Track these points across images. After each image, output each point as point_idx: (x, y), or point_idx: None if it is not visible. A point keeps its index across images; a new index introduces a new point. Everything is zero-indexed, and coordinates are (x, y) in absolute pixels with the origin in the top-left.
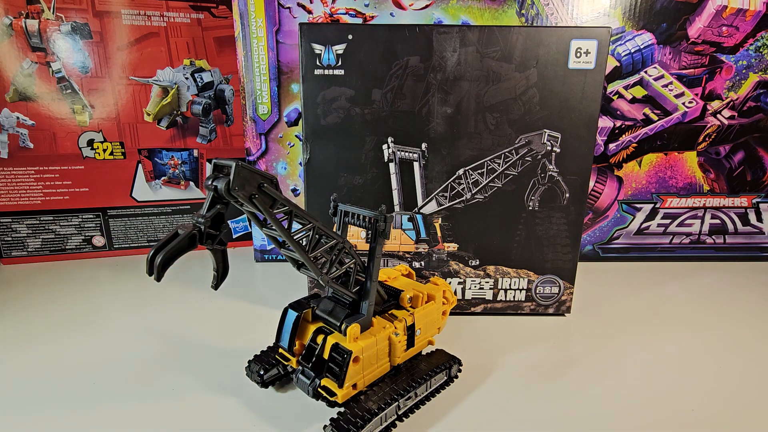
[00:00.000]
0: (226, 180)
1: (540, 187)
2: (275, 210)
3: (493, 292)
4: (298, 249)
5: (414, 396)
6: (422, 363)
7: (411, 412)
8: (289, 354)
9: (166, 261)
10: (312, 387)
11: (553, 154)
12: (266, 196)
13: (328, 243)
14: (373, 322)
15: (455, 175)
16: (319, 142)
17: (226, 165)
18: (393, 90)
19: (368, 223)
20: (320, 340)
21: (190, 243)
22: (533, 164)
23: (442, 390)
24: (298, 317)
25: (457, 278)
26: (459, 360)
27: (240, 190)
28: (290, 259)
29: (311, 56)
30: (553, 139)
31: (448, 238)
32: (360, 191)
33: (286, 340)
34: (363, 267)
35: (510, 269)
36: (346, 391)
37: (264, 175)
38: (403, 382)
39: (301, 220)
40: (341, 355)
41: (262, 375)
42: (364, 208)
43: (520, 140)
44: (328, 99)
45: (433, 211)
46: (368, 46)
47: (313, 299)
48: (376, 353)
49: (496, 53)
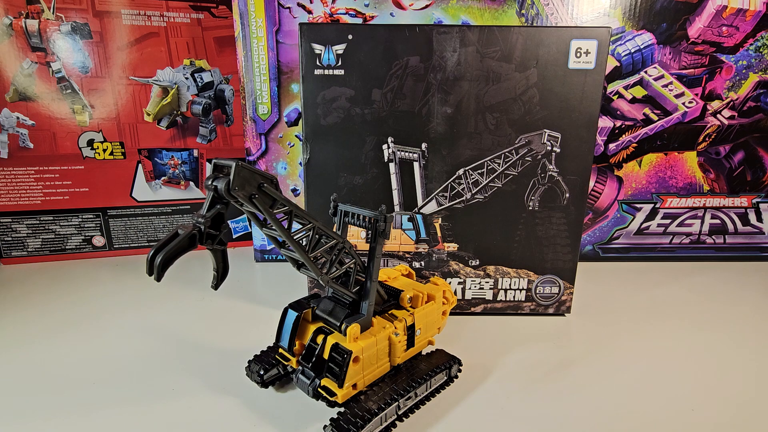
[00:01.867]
0: (226, 180)
1: (540, 187)
2: (275, 210)
3: (493, 292)
4: (298, 249)
5: (414, 396)
6: (422, 363)
7: (411, 412)
8: (289, 354)
9: (166, 261)
10: (312, 387)
11: (553, 154)
12: (266, 196)
13: (328, 243)
14: (373, 322)
15: (455, 175)
16: (319, 142)
17: (226, 165)
18: (393, 90)
19: (368, 223)
20: (320, 340)
21: (190, 243)
22: (533, 164)
23: (442, 390)
24: (298, 317)
25: (457, 278)
26: (459, 360)
27: (240, 190)
28: (290, 259)
29: (311, 56)
30: (553, 139)
31: (448, 238)
32: (360, 191)
33: (286, 340)
34: (363, 267)
35: (510, 269)
36: (346, 391)
37: (264, 175)
38: (403, 382)
39: (301, 220)
40: (341, 355)
41: (262, 375)
42: (364, 208)
43: (520, 140)
44: (328, 99)
45: (433, 211)
46: (368, 46)
47: (313, 299)
48: (376, 353)
49: (496, 53)
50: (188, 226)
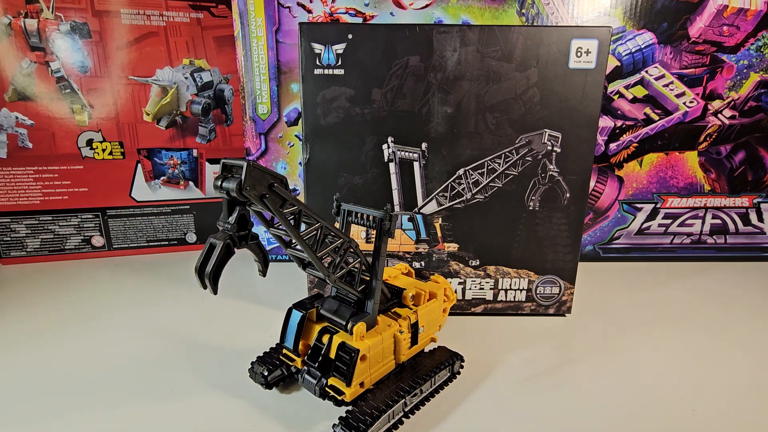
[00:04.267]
0: (236, 180)
1: (540, 187)
2: (284, 210)
3: (493, 292)
4: (307, 249)
5: (420, 393)
6: (426, 360)
7: (416, 408)
8: (294, 354)
9: (215, 275)
10: (319, 386)
11: (553, 153)
12: (277, 195)
13: (334, 243)
14: (378, 320)
15: (455, 175)
16: (319, 142)
17: (236, 165)
18: (393, 90)
19: (373, 223)
20: (326, 340)
21: (228, 252)
22: (534, 164)
23: (446, 386)
24: (303, 317)
25: (458, 278)
26: (461, 356)
27: (251, 190)
28: (296, 258)
29: (311, 56)
30: (553, 139)
31: (448, 238)
32: (360, 191)
33: (291, 340)
34: (368, 266)
35: (510, 269)
36: (354, 389)
37: (274, 174)
38: (408, 379)
39: (308, 220)
40: (348, 353)
41: (266, 376)
42: (369, 208)
43: (521, 140)
44: (328, 99)
45: (434, 211)
46: (368, 46)
47: (316, 299)
48: (382, 351)
49: (497, 53)
50: (218, 235)
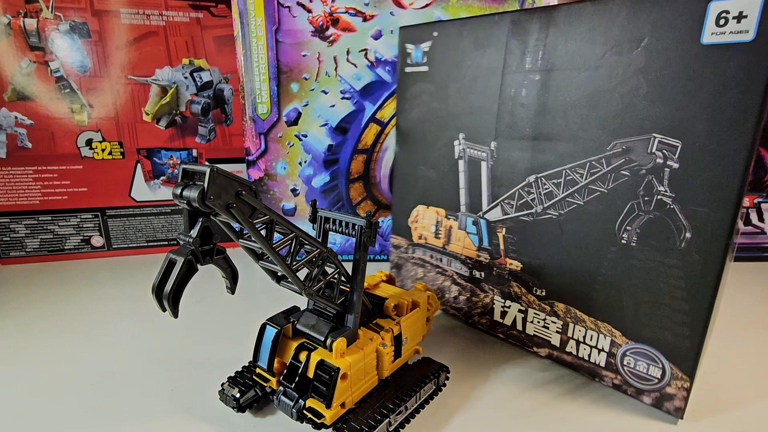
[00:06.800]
0: (199, 188)
1: (642, 215)
2: (255, 220)
3: (560, 338)
4: (281, 261)
5: (405, 410)
6: (410, 373)
7: (401, 426)
8: (269, 374)
9: (174, 297)
10: (296, 409)
11: (666, 170)
12: (245, 205)
13: (311, 253)
14: (359, 334)
15: (525, 182)
16: (406, 136)
17: (199, 171)
18: (468, 84)
19: (353, 231)
20: (303, 358)
21: (189, 270)
22: (633, 181)
23: (431, 400)
24: (277, 334)
25: (518, 304)
26: (447, 368)
27: (216, 200)
28: (268, 272)
29: (404, 55)
30: (666, 149)
31: (511, 254)
32: (432, 185)
33: (265, 359)
34: (347, 276)
35: (586, 317)
36: (334, 411)
37: (242, 181)
38: (392, 397)
39: (281, 229)
40: (328, 372)
41: (238, 399)
42: (347, 214)
43: (615, 146)
44: (414, 95)
45: (498, 219)
46: (448, 41)
47: (292, 313)
48: (363, 368)
49: (587, 34)
50: (179, 251)
